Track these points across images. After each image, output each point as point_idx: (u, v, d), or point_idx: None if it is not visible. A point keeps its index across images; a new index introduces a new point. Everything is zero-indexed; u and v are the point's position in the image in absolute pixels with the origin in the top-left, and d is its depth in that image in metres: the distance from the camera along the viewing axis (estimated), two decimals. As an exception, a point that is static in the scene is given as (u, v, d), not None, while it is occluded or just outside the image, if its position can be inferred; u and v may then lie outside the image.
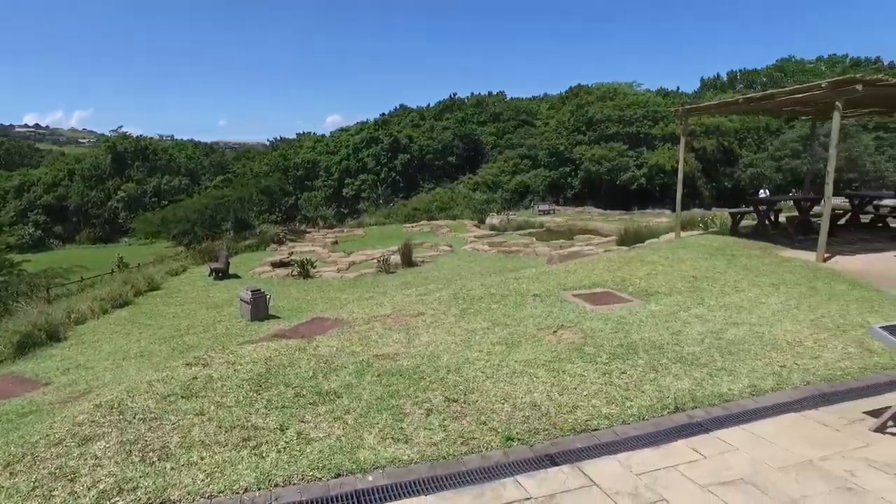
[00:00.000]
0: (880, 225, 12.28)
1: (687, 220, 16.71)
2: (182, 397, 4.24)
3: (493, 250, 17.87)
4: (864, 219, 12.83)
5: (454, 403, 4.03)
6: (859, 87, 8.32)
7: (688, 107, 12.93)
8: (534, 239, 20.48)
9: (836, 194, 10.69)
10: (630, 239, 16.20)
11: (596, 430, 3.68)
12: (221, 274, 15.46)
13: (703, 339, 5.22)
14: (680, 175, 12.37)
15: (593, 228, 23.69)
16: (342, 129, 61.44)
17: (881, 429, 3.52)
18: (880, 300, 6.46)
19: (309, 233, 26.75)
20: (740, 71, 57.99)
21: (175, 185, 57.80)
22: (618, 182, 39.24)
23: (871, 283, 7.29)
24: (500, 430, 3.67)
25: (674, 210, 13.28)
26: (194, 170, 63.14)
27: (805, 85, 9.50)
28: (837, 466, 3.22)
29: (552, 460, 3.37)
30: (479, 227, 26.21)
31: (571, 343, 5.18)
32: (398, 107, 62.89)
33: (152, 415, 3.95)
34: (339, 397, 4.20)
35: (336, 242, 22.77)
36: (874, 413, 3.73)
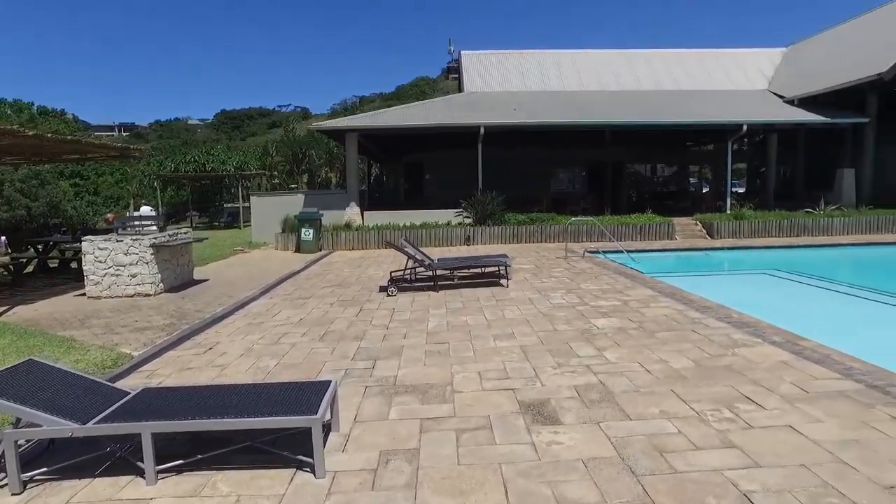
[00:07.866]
0: (65, 267, 12.86)
1: None
2: None
3: None
4: (53, 263, 13.14)
5: None
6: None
7: None
8: None
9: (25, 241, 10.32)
10: None
11: None
12: None
13: None
14: None
15: None
16: None
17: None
18: (43, 344, 6.56)
19: None
20: None
21: None
22: None
23: (46, 328, 7.40)
24: None
25: None
26: None
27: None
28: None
29: None
30: None
31: None
32: None
33: None
34: None
35: None
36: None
